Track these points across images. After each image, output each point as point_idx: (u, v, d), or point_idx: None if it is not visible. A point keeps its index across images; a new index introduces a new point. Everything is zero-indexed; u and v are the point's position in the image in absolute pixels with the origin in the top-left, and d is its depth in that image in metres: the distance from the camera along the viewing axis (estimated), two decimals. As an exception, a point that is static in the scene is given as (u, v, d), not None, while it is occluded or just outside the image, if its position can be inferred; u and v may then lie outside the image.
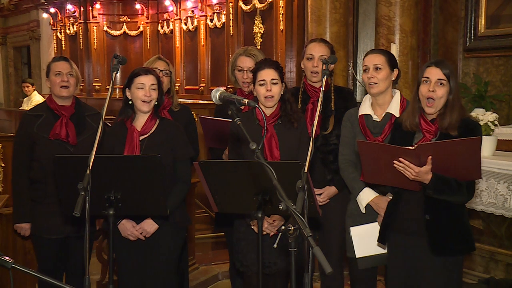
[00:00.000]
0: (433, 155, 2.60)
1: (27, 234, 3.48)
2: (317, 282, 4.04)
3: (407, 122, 2.82)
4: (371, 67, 3.15)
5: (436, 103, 2.73)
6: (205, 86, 9.10)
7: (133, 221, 3.11)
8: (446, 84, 2.72)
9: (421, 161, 2.62)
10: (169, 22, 10.08)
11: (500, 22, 4.65)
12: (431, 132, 2.76)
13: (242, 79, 3.69)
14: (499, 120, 4.09)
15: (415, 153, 2.60)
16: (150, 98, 3.08)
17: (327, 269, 1.83)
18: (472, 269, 4.17)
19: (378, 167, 2.73)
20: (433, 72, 2.74)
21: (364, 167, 2.79)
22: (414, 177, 2.64)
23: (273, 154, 3.08)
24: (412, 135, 2.82)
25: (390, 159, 2.65)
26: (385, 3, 4.76)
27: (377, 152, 2.71)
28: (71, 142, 3.38)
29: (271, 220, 3.09)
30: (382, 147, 2.76)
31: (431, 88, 2.72)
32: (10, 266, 1.93)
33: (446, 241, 2.75)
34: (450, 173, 2.66)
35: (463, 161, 2.63)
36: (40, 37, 12.92)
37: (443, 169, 2.63)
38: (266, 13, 6.94)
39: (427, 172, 2.63)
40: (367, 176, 2.84)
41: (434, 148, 2.62)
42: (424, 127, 2.78)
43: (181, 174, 3.17)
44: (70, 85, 3.44)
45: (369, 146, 2.79)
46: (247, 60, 3.67)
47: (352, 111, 3.31)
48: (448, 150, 2.61)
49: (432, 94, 2.72)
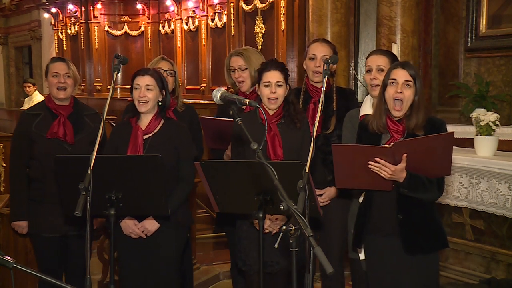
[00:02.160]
0: (408, 153, 2.63)
1: (24, 232, 3.49)
2: (318, 282, 4.04)
3: (374, 123, 2.84)
4: (374, 68, 3.15)
5: (404, 104, 2.76)
6: (206, 86, 9.10)
7: (135, 219, 3.11)
8: (412, 85, 2.75)
9: (396, 159, 2.64)
10: (170, 22, 10.07)
11: (501, 22, 4.65)
12: (399, 132, 2.78)
13: (235, 79, 3.71)
14: (500, 120, 4.09)
15: (391, 152, 2.62)
16: (145, 98, 3.09)
17: (328, 269, 1.83)
18: (473, 269, 4.16)
19: (352, 170, 2.73)
20: (400, 74, 2.76)
21: (337, 172, 2.77)
22: (390, 176, 2.66)
23: (277, 152, 3.08)
24: (379, 137, 2.84)
25: (365, 160, 2.66)
26: (386, 3, 4.76)
27: (352, 155, 2.71)
28: (68, 141, 3.39)
29: (273, 218, 3.10)
30: (358, 149, 2.77)
31: (399, 90, 2.74)
32: (11, 266, 1.94)
33: (419, 239, 2.78)
34: (422, 171, 2.70)
35: (436, 158, 2.68)
36: (41, 37, 12.93)
37: (415, 167, 2.66)
38: (267, 13, 6.93)
39: (402, 170, 2.65)
40: (341, 182, 2.82)
41: (410, 145, 2.65)
42: (392, 128, 2.80)
43: (184, 173, 3.18)
44: (67, 86, 3.45)
45: (345, 149, 2.80)
46: (237, 59, 3.70)
47: (353, 112, 3.30)
48: (424, 146, 2.65)
49: (400, 96, 2.74)
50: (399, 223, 2.78)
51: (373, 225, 2.86)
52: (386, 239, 2.82)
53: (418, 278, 2.80)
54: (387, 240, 2.82)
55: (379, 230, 2.84)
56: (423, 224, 2.80)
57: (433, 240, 2.82)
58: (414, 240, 2.77)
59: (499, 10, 4.67)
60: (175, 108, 3.69)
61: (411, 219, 2.78)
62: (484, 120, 3.98)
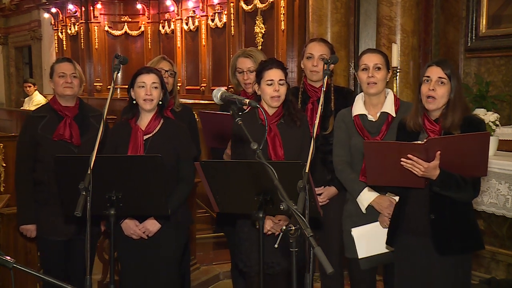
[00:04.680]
0: (442, 150, 2.59)
1: (33, 236, 3.47)
2: (317, 282, 4.03)
3: (411, 122, 2.82)
4: (371, 66, 3.14)
5: (437, 101, 2.73)
6: (206, 86, 9.10)
7: (136, 220, 3.11)
8: (447, 83, 2.72)
9: (429, 156, 2.60)
10: (170, 22, 10.08)
11: (501, 22, 4.65)
12: (435, 132, 2.76)
13: (243, 81, 3.69)
14: (500, 120, 4.09)
15: (424, 148, 2.59)
16: (151, 96, 3.09)
17: (328, 269, 1.83)
18: (473, 269, 4.16)
19: (383, 167, 2.71)
20: (434, 71, 2.74)
21: (369, 169, 2.76)
22: (423, 174, 2.62)
23: (277, 153, 3.08)
24: (416, 136, 2.81)
25: (397, 157, 2.63)
26: (386, 3, 4.76)
27: (384, 151, 2.68)
28: (75, 142, 3.38)
29: (276, 220, 3.10)
30: (390, 145, 2.74)
31: (431, 87, 2.72)
32: (11, 266, 1.94)
33: (451, 239, 2.73)
34: (456, 170, 2.64)
35: (470, 157, 2.62)
36: (41, 37, 12.93)
37: (449, 165, 2.62)
38: (267, 13, 6.94)
39: (435, 168, 2.61)
40: (371, 178, 2.81)
41: (444, 143, 2.61)
42: (428, 127, 2.77)
43: (184, 173, 3.17)
44: (73, 86, 3.46)
45: (377, 146, 2.77)
46: (246, 61, 3.68)
47: (344, 112, 3.28)
48: (457, 144, 2.60)
49: (432, 93, 2.72)
50: (431, 223, 2.74)
51: (406, 224, 2.82)
52: (418, 238, 2.78)
53: (448, 280, 2.75)
54: (418, 239, 2.78)
55: (412, 229, 2.80)
56: (456, 225, 2.74)
57: (465, 241, 2.76)
58: (446, 240, 2.73)
59: (499, 10, 4.67)
60: (172, 108, 3.68)
61: (443, 219, 2.73)
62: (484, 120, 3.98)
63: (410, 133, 2.82)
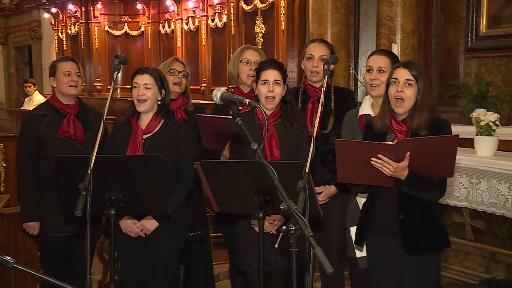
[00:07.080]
0: (411, 151, 2.64)
1: (36, 233, 3.48)
2: (317, 282, 4.04)
3: (378, 123, 2.86)
4: (375, 69, 3.15)
5: (406, 103, 2.77)
6: (206, 86, 9.11)
7: (134, 218, 3.11)
8: (414, 84, 2.76)
9: (399, 157, 2.65)
10: (171, 22, 10.08)
11: (501, 22, 4.65)
12: (402, 132, 2.79)
13: (248, 72, 3.68)
14: (501, 120, 4.08)
15: (394, 149, 2.63)
16: (143, 97, 3.09)
17: (328, 269, 1.83)
18: (473, 269, 4.16)
19: (354, 165, 2.74)
20: (401, 73, 2.78)
21: (339, 167, 2.79)
22: (392, 173, 2.66)
23: (273, 153, 3.08)
24: (383, 136, 2.85)
25: (368, 156, 2.68)
26: (387, 3, 4.76)
27: (355, 150, 2.73)
28: (79, 139, 3.42)
29: (271, 220, 3.10)
30: (361, 144, 2.79)
31: (399, 89, 2.76)
32: (11, 266, 1.94)
33: (420, 239, 2.78)
34: (424, 171, 2.70)
35: (439, 158, 2.68)
36: (41, 37, 12.93)
37: (418, 166, 2.67)
38: (267, 13, 6.94)
39: (404, 168, 2.66)
40: (342, 176, 2.84)
41: (414, 144, 2.66)
42: (396, 127, 2.81)
43: (183, 173, 3.18)
44: (78, 84, 3.50)
45: (348, 144, 2.81)
46: (255, 53, 3.74)
47: (352, 112, 3.32)
48: (427, 146, 2.66)
49: (400, 94, 2.76)
50: (400, 223, 2.79)
51: (374, 224, 2.87)
52: (387, 238, 2.83)
53: (419, 278, 2.81)
54: (388, 239, 2.83)
55: (381, 229, 2.85)
56: (424, 224, 2.80)
57: (434, 240, 2.83)
58: (414, 239, 2.78)
59: (499, 10, 4.67)
60: (185, 107, 3.74)
61: (412, 219, 2.78)
62: (484, 120, 3.98)
63: (378, 134, 2.86)
